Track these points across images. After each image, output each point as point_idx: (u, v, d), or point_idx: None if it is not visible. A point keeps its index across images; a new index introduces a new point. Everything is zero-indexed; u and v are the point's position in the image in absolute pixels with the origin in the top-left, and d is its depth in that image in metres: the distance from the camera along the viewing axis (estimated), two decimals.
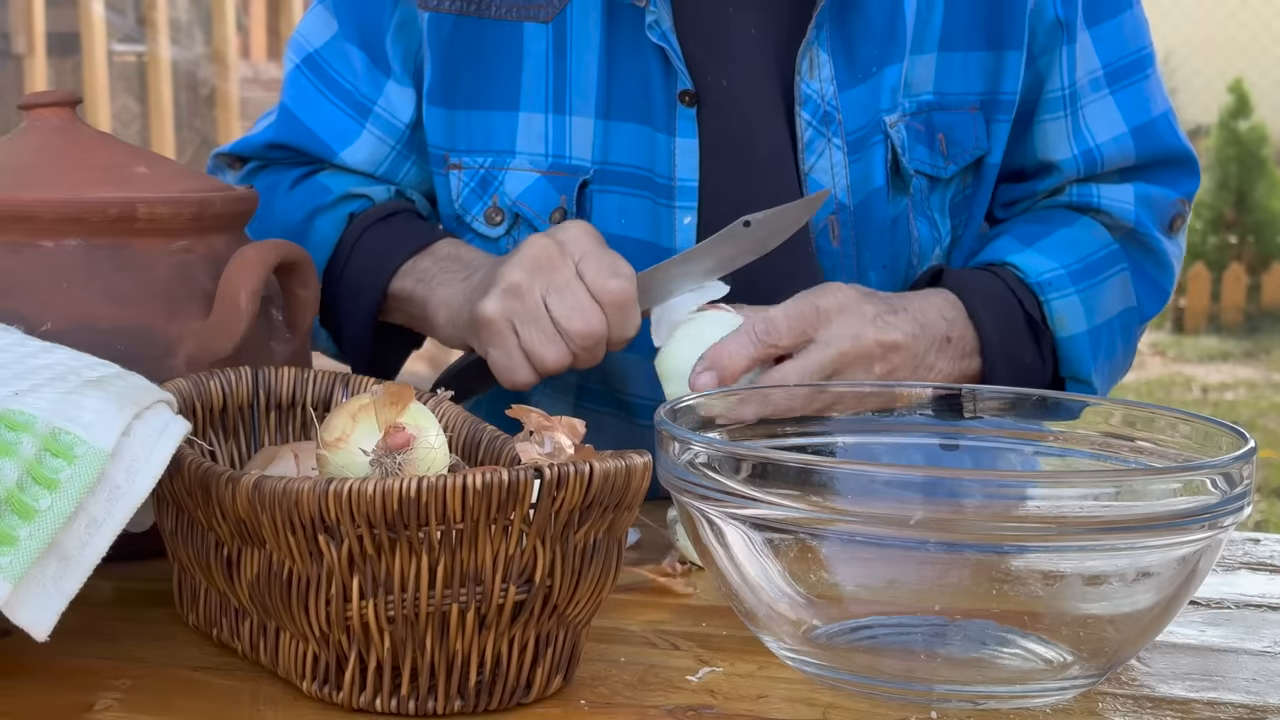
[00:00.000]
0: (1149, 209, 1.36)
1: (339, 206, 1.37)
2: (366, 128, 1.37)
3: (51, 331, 1.05)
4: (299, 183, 1.39)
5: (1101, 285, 1.32)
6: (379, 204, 1.38)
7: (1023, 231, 1.35)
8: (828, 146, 1.29)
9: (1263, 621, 1.02)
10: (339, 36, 1.38)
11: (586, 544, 0.85)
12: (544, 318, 1.16)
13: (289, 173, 1.40)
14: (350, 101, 1.37)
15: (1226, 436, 0.92)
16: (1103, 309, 1.32)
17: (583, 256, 1.16)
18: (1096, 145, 1.34)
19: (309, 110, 1.39)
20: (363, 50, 1.36)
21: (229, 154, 1.45)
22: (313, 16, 1.41)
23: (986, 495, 0.84)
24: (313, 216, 1.36)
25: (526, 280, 1.16)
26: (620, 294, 1.15)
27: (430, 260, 1.31)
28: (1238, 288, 7.07)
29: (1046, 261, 1.31)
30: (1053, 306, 1.29)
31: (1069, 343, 1.30)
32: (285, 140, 1.40)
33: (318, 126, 1.38)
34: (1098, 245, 1.34)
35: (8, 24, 5.03)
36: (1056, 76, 1.33)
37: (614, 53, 1.30)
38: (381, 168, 1.39)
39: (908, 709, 0.86)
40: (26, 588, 0.82)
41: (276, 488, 0.82)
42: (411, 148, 1.38)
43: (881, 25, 1.28)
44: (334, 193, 1.37)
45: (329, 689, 0.86)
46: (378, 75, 1.36)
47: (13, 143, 1.15)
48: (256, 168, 1.43)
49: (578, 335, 1.15)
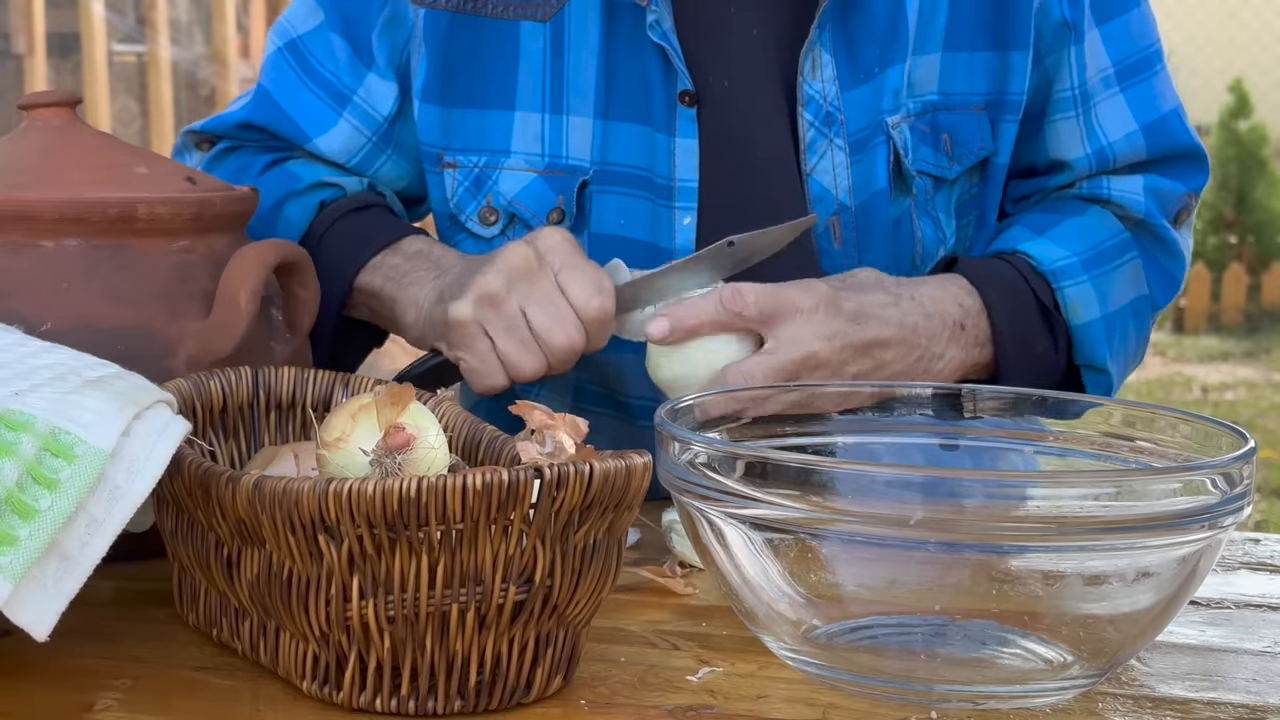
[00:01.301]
0: (1156, 200, 1.36)
1: (310, 194, 1.36)
2: (344, 116, 1.36)
3: (51, 331, 1.05)
4: (269, 168, 1.38)
5: (1114, 273, 1.32)
6: (351, 194, 1.37)
7: (1034, 220, 1.35)
8: (830, 147, 1.28)
9: (1263, 621, 1.02)
10: (324, 26, 1.37)
11: (586, 544, 0.85)
12: (522, 327, 1.15)
13: (259, 157, 1.39)
14: (329, 90, 1.36)
15: (1226, 436, 0.92)
16: (1116, 296, 1.32)
17: (563, 267, 1.15)
18: (1109, 143, 1.34)
19: (287, 94, 1.38)
20: (346, 41, 1.36)
21: (199, 131, 1.43)
22: (300, 3, 1.40)
23: (986, 495, 0.84)
24: (283, 202, 1.35)
25: (504, 288, 1.15)
26: (602, 312, 1.15)
27: (400, 257, 1.29)
28: (1238, 288, 7.07)
29: (1058, 249, 1.30)
30: (1066, 294, 1.29)
31: (1083, 330, 1.30)
32: (259, 121, 1.39)
33: (294, 111, 1.37)
34: (1110, 233, 1.34)
35: (8, 24, 5.03)
36: (1066, 76, 1.33)
37: (613, 52, 1.29)
38: (355, 159, 1.37)
39: (908, 709, 0.86)
40: (26, 588, 0.82)
41: (276, 488, 0.82)
42: (388, 142, 1.37)
43: (884, 25, 1.28)
44: (305, 180, 1.36)
45: (329, 689, 0.86)
46: (359, 67, 1.35)
47: (13, 143, 1.15)
48: (226, 149, 1.42)
49: (559, 349, 1.15)
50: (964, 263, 1.29)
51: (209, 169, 1.40)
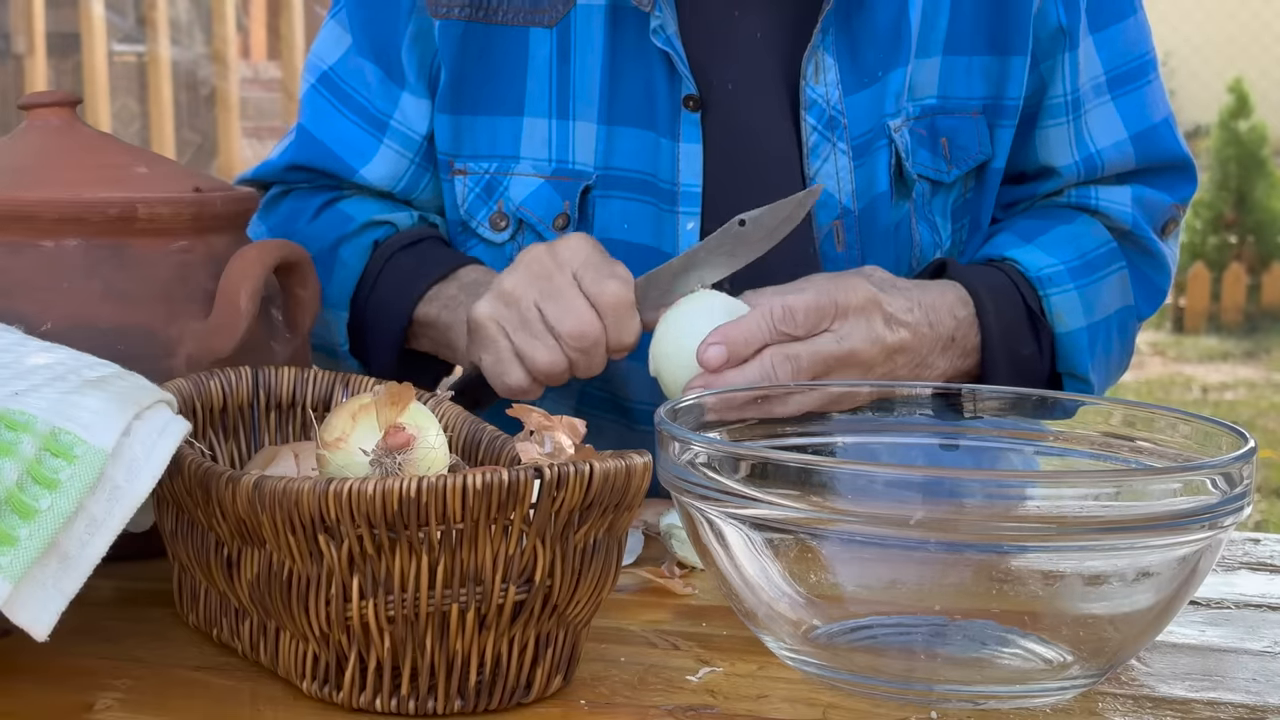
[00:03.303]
0: (1144, 211, 1.36)
1: (363, 234, 1.36)
2: (384, 143, 1.37)
3: (51, 331, 1.05)
4: (322, 211, 1.39)
5: (1100, 282, 1.33)
6: (403, 230, 1.37)
7: (1023, 228, 1.35)
8: (833, 151, 1.28)
9: (1263, 621, 1.02)
10: (353, 51, 1.37)
11: (586, 544, 0.85)
12: (536, 321, 1.16)
13: (311, 199, 1.40)
14: (366, 117, 1.37)
15: (1226, 436, 0.92)
16: (1101, 306, 1.32)
17: (581, 265, 1.16)
18: (1097, 151, 1.35)
19: (326, 129, 1.38)
20: (377, 64, 1.36)
21: (251, 180, 1.44)
22: (327, 33, 1.40)
23: (986, 495, 0.84)
24: (337, 246, 1.36)
25: (521, 287, 1.16)
26: (615, 296, 1.15)
27: (455, 286, 1.30)
28: (1238, 288, 7.07)
29: (1046, 257, 1.31)
30: (1052, 302, 1.30)
31: (1067, 338, 1.30)
32: (304, 161, 1.39)
33: (335, 145, 1.37)
34: (1097, 243, 1.34)
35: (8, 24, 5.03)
36: (1059, 82, 1.33)
37: (617, 57, 1.29)
38: (401, 183, 1.38)
39: (908, 709, 0.86)
40: (26, 588, 0.82)
41: (276, 488, 0.82)
42: (430, 160, 1.37)
43: (887, 29, 1.28)
44: (357, 221, 1.37)
45: (329, 689, 0.86)
46: (392, 88, 1.36)
47: (13, 143, 1.15)
48: (279, 194, 1.42)
49: (570, 335, 1.15)
50: (955, 268, 1.29)
51: (263, 215, 1.42)
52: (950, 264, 1.29)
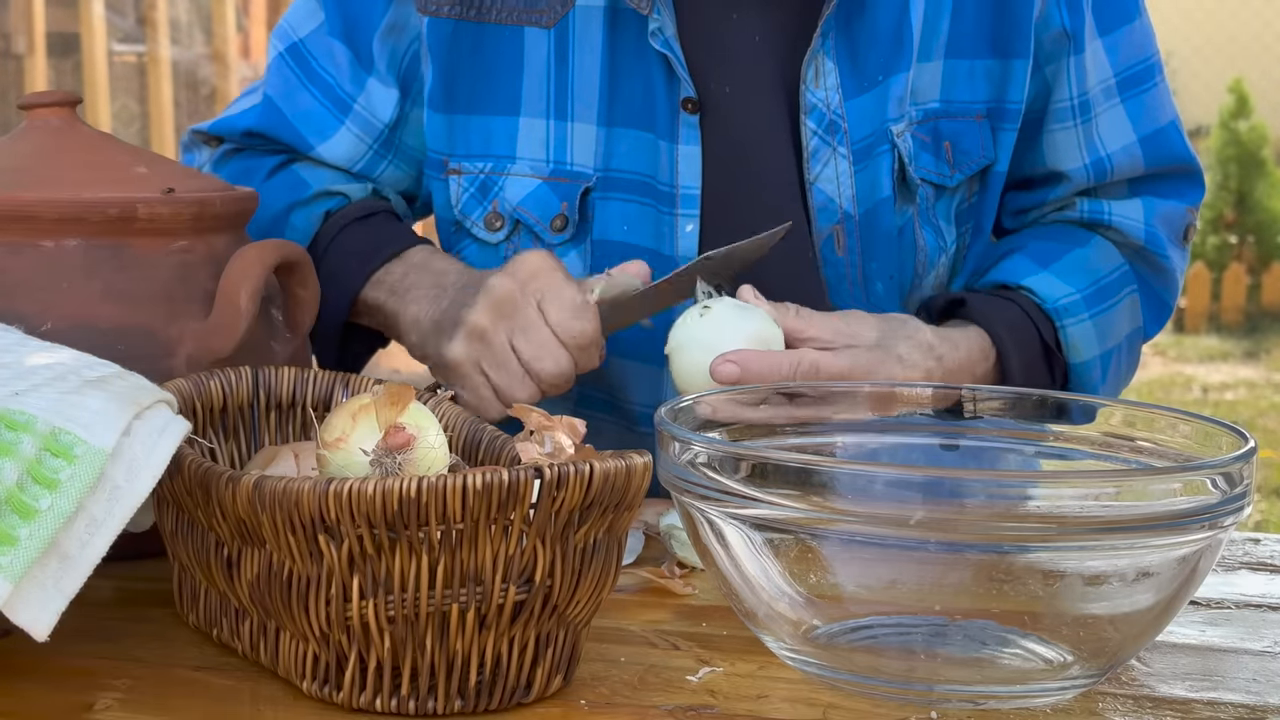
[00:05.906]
0: (1164, 223, 1.36)
1: (316, 203, 1.37)
2: (345, 125, 1.37)
3: (51, 331, 1.05)
4: (275, 172, 1.38)
5: (1113, 309, 1.33)
6: (356, 202, 1.37)
7: (1036, 250, 1.35)
8: (833, 155, 1.28)
9: (1263, 621, 1.02)
10: (324, 30, 1.37)
11: (586, 544, 0.85)
12: (512, 361, 1.17)
13: (264, 160, 1.40)
14: (331, 96, 1.37)
15: (1226, 436, 0.92)
16: (1114, 333, 1.33)
17: (543, 296, 1.17)
18: (1107, 155, 1.34)
19: (289, 101, 1.38)
20: (347, 46, 1.36)
21: (205, 132, 1.44)
22: (300, 5, 1.40)
23: (987, 495, 0.84)
24: (289, 211, 1.36)
25: (490, 324, 1.17)
26: (583, 336, 1.16)
27: (403, 268, 1.30)
28: (1238, 288, 7.07)
29: (1062, 286, 1.31)
30: (1068, 333, 1.30)
31: (1081, 368, 1.31)
32: (264, 129, 1.39)
33: (297, 119, 1.37)
34: (1110, 268, 1.34)
35: (8, 24, 5.03)
36: (1065, 86, 1.33)
37: (616, 59, 1.29)
38: (358, 165, 1.38)
39: (908, 709, 0.86)
40: (26, 587, 0.82)
41: (276, 488, 0.82)
42: (389, 148, 1.38)
43: (888, 33, 1.27)
44: (311, 188, 1.37)
45: (329, 689, 0.86)
46: (360, 73, 1.35)
47: (13, 143, 1.15)
48: (231, 149, 1.42)
49: (547, 377, 1.17)
50: (974, 307, 1.29)
51: (215, 169, 1.41)
52: (970, 301, 1.29)
